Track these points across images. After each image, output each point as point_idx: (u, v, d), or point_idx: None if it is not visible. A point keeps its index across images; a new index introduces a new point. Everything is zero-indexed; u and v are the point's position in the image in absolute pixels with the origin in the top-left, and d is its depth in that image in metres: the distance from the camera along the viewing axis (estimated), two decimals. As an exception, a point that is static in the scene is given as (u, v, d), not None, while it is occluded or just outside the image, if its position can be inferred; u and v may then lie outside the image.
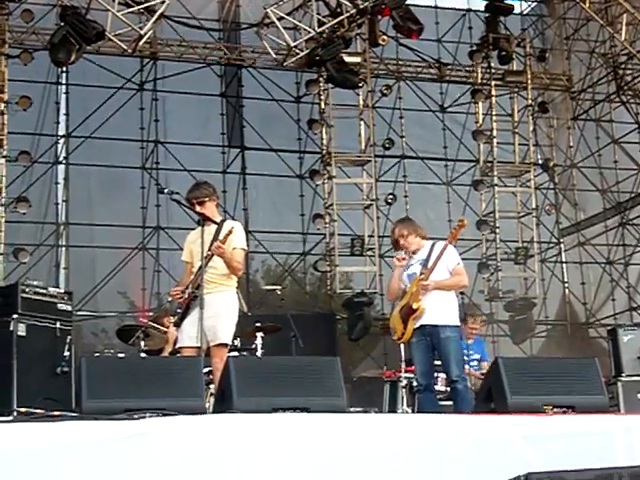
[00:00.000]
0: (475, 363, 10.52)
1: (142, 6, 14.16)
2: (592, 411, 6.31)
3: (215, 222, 7.70)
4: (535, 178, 17.32)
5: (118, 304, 16.02)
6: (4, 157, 14.22)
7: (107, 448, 5.04)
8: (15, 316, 8.60)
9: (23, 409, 8.02)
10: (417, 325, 7.81)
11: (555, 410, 6.34)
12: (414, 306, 7.77)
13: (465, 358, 10.22)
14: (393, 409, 10.30)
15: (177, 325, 7.74)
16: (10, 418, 7.55)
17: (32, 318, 8.73)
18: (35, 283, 9.16)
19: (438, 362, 8.08)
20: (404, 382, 10.05)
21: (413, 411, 9.97)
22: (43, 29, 15.11)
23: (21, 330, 8.55)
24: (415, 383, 8.15)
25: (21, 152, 14.62)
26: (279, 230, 16.92)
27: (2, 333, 8.61)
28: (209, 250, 7.46)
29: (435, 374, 10.30)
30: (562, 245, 18.20)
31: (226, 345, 7.61)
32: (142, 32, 13.92)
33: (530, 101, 17.43)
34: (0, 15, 14.28)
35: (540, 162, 17.69)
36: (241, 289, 7.93)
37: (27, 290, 8.85)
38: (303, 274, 17.34)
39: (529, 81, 17.31)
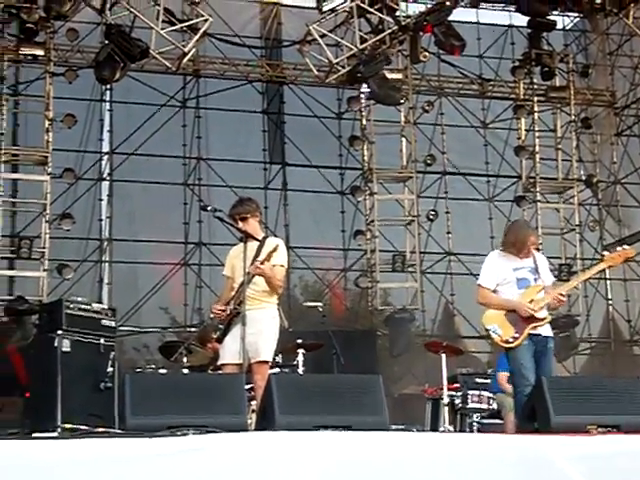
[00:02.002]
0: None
1: (185, 24, 14.29)
2: (638, 431, 6.23)
3: (257, 239, 7.72)
4: (578, 194, 17.19)
5: (160, 320, 16.11)
6: (49, 174, 14.37)
7: (150, 465, 5.06)
8: (60, 332, 8.66)
9: (67, 425, 8.07)
10: (531, 332, 7.69)
11: (600, 430, 6.26)
12: (540, 316, 7.69)
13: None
14: (435, 427, 10.26)
15: (219, 341, 7.77)
16: (55, 434, 7.60)
17: (76, 334, 8.79)
18: (79, 299, 9.23)
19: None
20: (446, 400, 10.00)
21: (455, 429, 9.94)
22: (88, 47, 15.29)
23: (65, 346, 8.61)
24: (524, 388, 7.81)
25: (65, 169, 14.77)
26: (320, 246, 16.93)
27: (47, 349, 8.68)
28: (249, 268, 7.48)
29: (476, 392, 10.29)
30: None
31: (268, 362, 7.62)
32: (185, 50, 14.03)
33: (573, 117, 17.32)
34: (45, 33, 14.45)
35: (583, 178, 17.54)
36: (282, 305, 7.95)
37: (71, 306, 8.92)
38: (344, 290, 17.32)
39: (572, 97, 17.21)
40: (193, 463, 5.13)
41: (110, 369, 8.82)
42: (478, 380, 10.75)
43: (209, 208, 7.99)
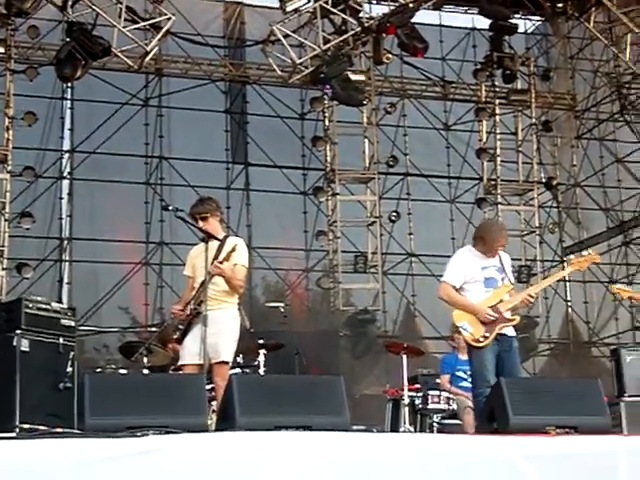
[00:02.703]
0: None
1: (148, 22, 14.21)
2: (595, 432, 6.30)
3: (217, 238, 7.70)
4: (539, 196, 17.34)
5: (120, 319, 16.02)
6: (8, 172, 14.26)
7: (110, 466, 5.03)
8: (18, 331, 8.56)
9: (26, 425, 8.00)
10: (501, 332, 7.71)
11: (558, 431, 6.32)
12: (510, 316, 7.72)
13: (463, 375, 10.25)
14: (395, 428, 10.29)
15: (179, 342, 7.75)
16: (13, 435, 7.53)
17: (35, 333, 8.69)
18: (38, 298, 9.12)
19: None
20: (406, 400, 10.04)
21: (415, 430, 9.98)
22: (49, 45, 15.19)
23: (24, 345, 8.50)
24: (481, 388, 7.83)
25: (25, 167, 14.66)
26: (282, 246, 16.93)
27: (5, 348, 8.57)
28: (209, 268, 7.46)
29: (433, 391, 10.34)
30: (565, 264, 18.18)
31: (228, 362, 7.62)
32: (148, 48, 13.97)
33: (534, 120, 17.47)
34: (6, 30, 14.32)
35: (544, 181, 17.70)
36: (243, 305, 7.93)
37: (30, 305, 8.82)
38: (306, 290, 17.33)
39: (533, 100, 17.36)
40: (153, 464, 5.11)
41: (69, 369, 8.73)
42: (438, 381, 10.79)
43: (170, 208, 7.97)
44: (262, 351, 9.61)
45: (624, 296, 8.44)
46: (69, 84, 15.50)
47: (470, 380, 8.26)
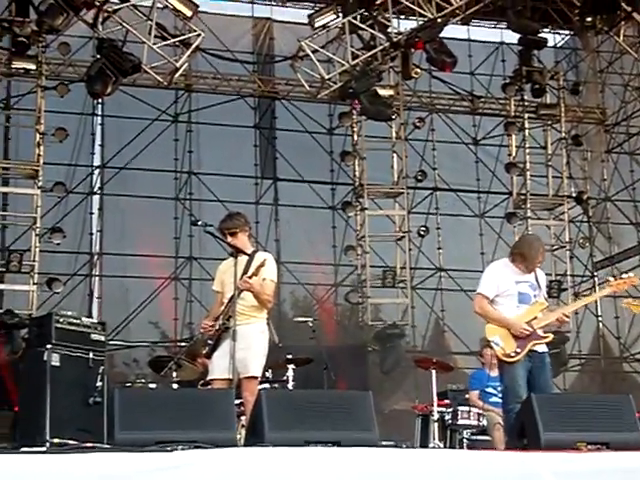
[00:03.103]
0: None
1: (177, 39, 14.31)
2: (627, 448, 6.22)
3: (246, 253, 7.72)
4: (569, 211, 17.24)
5: (150, 334, 16.08)
6: (39, 188, 14.35)
7: (138, 480, 5.04)
8: (49, 346, 8.63)
9: (56, 439, 8.04)
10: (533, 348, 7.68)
11: (589, 447, 6.26)
12: (543, 334, 7.69)
13: (493, 390, 10.19)
14: (425, 443, 10.24)
15: (208, 357, 7.75)
16: (43, 449, 7.57)
17: (65, 348, 8.76)
18: (69, 313, 9.20)
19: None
20: (436, 416, 9.99)
21: (445, 446, 9.93)
22: (80, 61, 15.33)
23: (55, 360, 8.57)
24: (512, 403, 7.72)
25: (56, 183, 14.74)
26: (311, 261, 16.93)
27: (36, 363, 8.64)
28: (238, 283, 7.47)
29: (463, 407, 10.28)
30: (596, 278, 18.04)
31: (257, 377, 7.61)
32: (177, 65, 14.04)
33: (564, 134, 17.38)
34: (37, 47, 14.46)
35: (574, 195, 17.59)
36: (271, 320, 7.93)
37: (61, 320, 8.89)
38: (335, 305, 17.31)
39: (562, 114, 17.28)
40: (182, 479, 5.11)
41: (99, 383, 8.79)
42: (468, 396, 10.74)
43: (200, 223, 7.99)
44: (291, 366, 9.61)
45: (635, 310, 8.33)
46: (99, 100, 15.64)
47: (500, 396, 8.21)
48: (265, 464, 5.33)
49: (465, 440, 10.20)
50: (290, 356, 9.65)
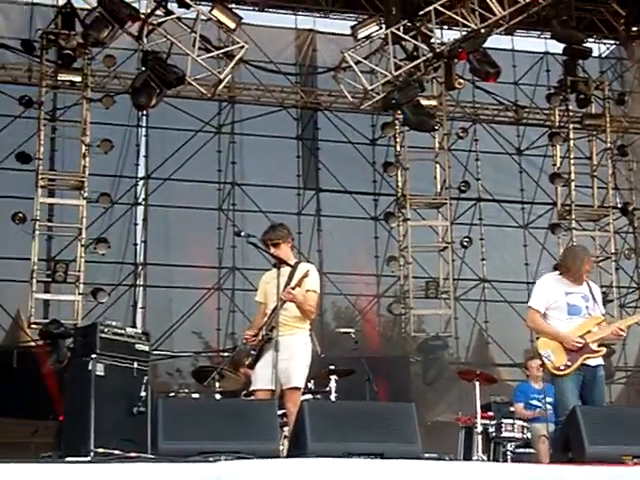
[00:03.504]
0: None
1: (221, 51, 14.42)
2: (673, 462, 6.16)
3: (289, 264, 7.73)
4: (614, 222, 17.05)
5: (193, 344, 16.15)
6: (85, 199, 14.48)
7: (182, 490, 5.06)
8: (94, 356, 8.69)
9: (100, 449, 8.09)
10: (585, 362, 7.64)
11: (635, 461, 6.20)
12: (596, 347, 7.64)
13: (538, 403, 10.10)
14: (468, 456, 10.18)
15: (251, 367, 7.77)
16: (88, 458, 7.62)
17: (110, 358, 8.82)
18: (113, 323, 9.27)
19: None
20: (479, 428, 9.93)
21: (488, 458, 9.86)
22: (125, 73, 15.48)
23: (99, 370, 8.64)
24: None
25: (101, 194, 14.87)
26: (353, 272, 16.92)
27: (81, 373, 8.71)
28: (281, 294, 7.48)
29: (510, 420, 10.20)
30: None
31: (299, 388, 7.61)
32: (221, 77, 14.12)
33: (609, 144, 17.21)
34: (83, 60, 14.62)
35: (619, 206, 17.42)
36: (314, 331, 7.94)
37: (105, 330, 8.95)
38: (377, 316, 17.28)
39: (608, 124, 17.10)
40: (225, 489, 5.13)
41: (143, 393, 8.84)
42: (512, 409, 10.65)
43: (243, 234, 8.03)
44: (333, 377, 9.60)
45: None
46: (144, 112, 15.79)
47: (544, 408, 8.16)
48: (307, 475, 5.34)
49: (509, 453, 10.12)
50: (332, 367, 9.64)
